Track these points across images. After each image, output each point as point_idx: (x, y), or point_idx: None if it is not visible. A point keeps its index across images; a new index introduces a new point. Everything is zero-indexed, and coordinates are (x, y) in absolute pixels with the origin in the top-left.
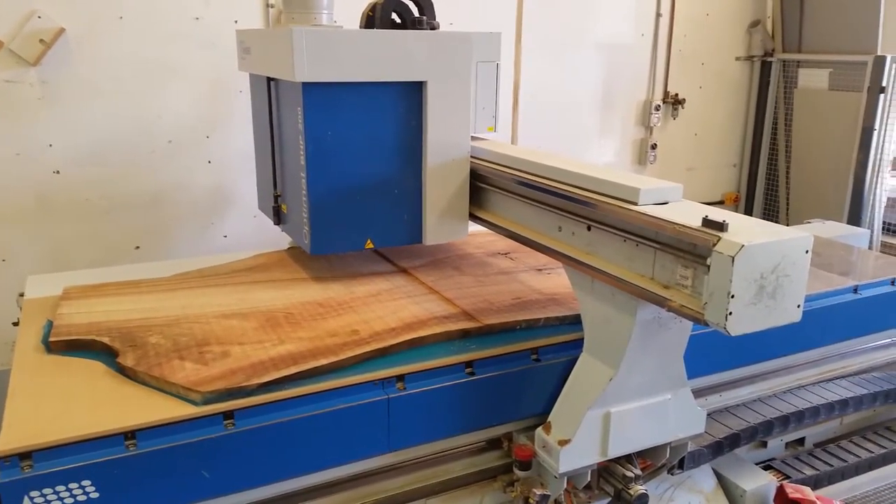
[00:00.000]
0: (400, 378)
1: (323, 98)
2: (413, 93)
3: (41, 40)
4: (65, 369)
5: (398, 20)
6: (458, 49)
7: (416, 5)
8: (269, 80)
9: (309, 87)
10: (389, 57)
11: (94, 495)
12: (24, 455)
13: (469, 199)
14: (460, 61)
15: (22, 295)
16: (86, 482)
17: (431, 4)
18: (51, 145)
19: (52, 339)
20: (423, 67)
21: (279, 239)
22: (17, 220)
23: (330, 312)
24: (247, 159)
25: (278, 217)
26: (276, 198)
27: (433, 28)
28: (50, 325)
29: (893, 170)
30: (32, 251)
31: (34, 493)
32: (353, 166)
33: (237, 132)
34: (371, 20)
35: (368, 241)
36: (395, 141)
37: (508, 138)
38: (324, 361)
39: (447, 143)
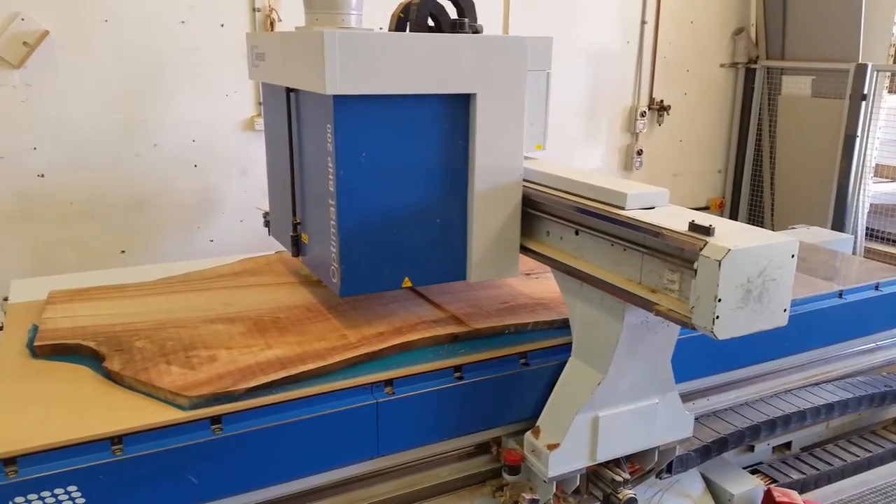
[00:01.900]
0: (388, 382)
1: (357, 114)
2: (460, 107)
3: (25, 43)
4: (50, 374)
5: (431, 23)
6: (512, 56)
7: (455, 6)
8: (289, 91)
9: (341, 101)
10: (434, 65)
11: (81, 501)
12: (9, 460)
13: None
14: (514, 70)
15: (6, 299)
16: (72, 488)
17: (472, 5)
18: (35, 148)
19: (37, 343)
20: (473, 77)
21: (266, 243)
22: (0, 224)
23: (318, 317)
24: (233, 163)
25: (297, 248)
26: (295, 226)
27: (476, 31)
28: (35, 329)
29: (876, 176)
30: (16, 255)
31: (19, 499)
32: (389, 193)
33: (224, 136)
34: (402, 23)
35: (406, 280)
36: (438, 163)
37: None
38: (312, 366)
39: (497, 165)
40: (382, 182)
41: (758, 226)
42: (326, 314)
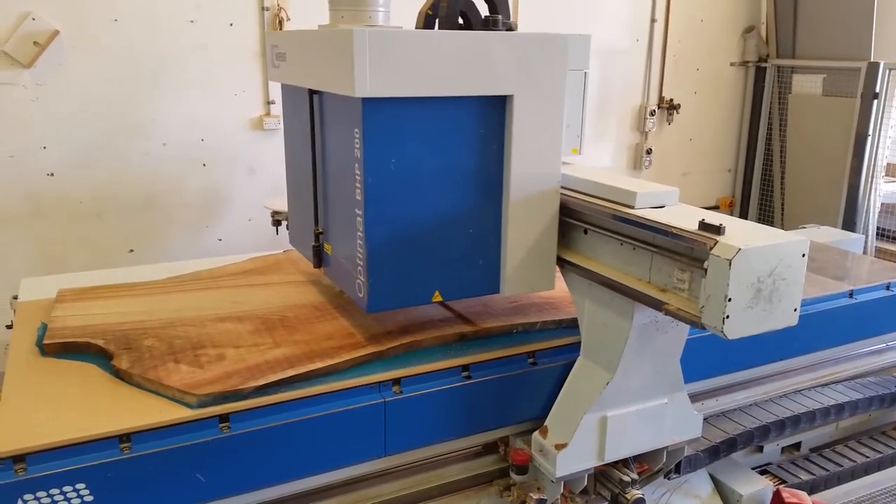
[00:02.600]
0: (396, 382)
1: (387, 117)
2: (495, 110)
3: (35, 42)
4: (59, 372)
5: (460, 21)
6: (551, 55)
7: (487, 2)
8: (312, 93)
9: (371, 104)
10: (469, 65)
11: (89, 498)
12: (18, 458)
13: None
14: (554, 70)
15: (16, 298)
16: (80, 485)
17: (506, 0)
18: (44, 147)
19: (46, 341)
20: (510, 78)
21: (274, 242)
22: (10, 223)
23: (326, 316)
24: (241, 162)
25: (319, 259)
26: (317, 236)
27: (510, 29)
28: (44, 327)
29: (887, 175)
30: (26, 254)
31: (28, 497)
32: (420, 201)
33: (232, 135)
34: (430, 20)
35: (436, 294)
36: (471, 169)
37: None
38: (320, 365)
39: (534, 171)
40: (413, 190)
41: (768, 225)
42: (334, 313)
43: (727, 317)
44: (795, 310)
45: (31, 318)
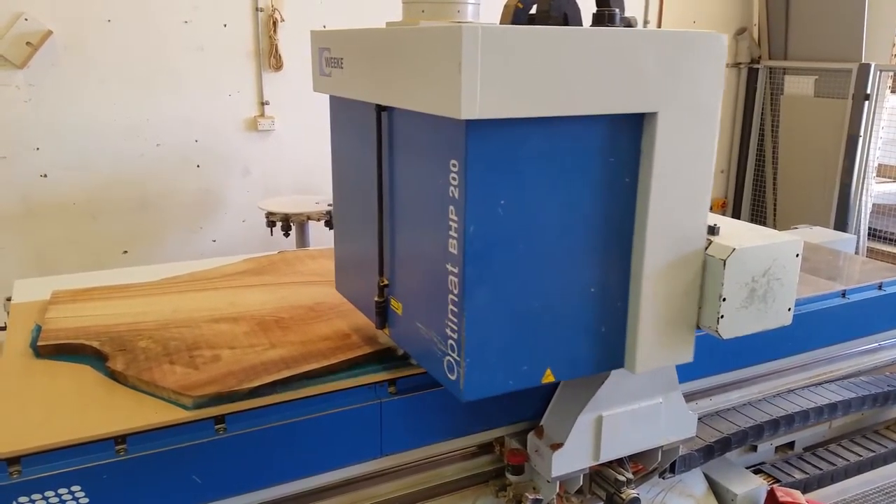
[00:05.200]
0: (392, 382)
1: (499, 146)
2: (631, 132)
3: (28, 43)
4: (54, 374)
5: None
6: (707, 59)
7: None
8: (381, 109)
9: (478, 128)
10: (609, 73)
11: (84, 500)
12: (13, 460)
13: None
14: (709, 79)
15: (9, 299)
16: (75, 487)
17: None
18: (38, 148)
19: (40, 343)
20: (657, 89)
21: (268, 243)
22: (3, 224)
23: (321, 317)
24: (236, 163)
25: (384, 319)
26: (381, 289)
27: (629, 25)
28: (38, 329)
29: (878, 176)
30: (19, 255)
31: (23, 499)
32: (533, 253)
33: (226, 136)
34: (520, 16)
35: (548, 373)
36: (597, 209)
37: None
38: (316, 365)
39: (679, 212)
40: (524, 239)
41: (760, 226)
42: (329, 314)
43: (722, 317)
44: (789, 309)
45: (25, 319)
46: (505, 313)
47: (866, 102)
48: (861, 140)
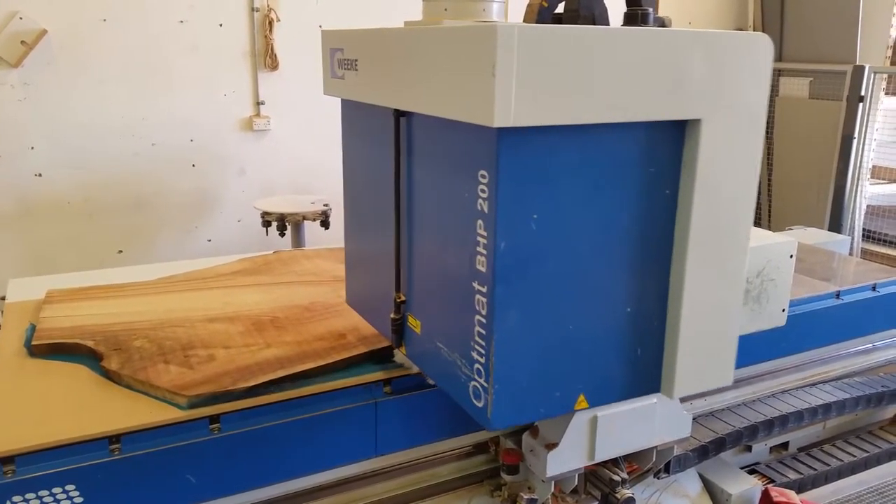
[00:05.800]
0: (387, 382)
1: (532, 156)
2: (673, 141)
3: (23, 42)
4: (48, 373)
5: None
6: (754, 61)
7: None
8: (399, 115)
9: (510, 137)
10: (651, 76)
11: (79, 500)
12: (7, 460)
13: None
14: (755, 82)
15: (3, 298)
16: (70, 487)
17: None
18: (32, 148)
19: (34, 342)
20: (701, 93)
21: (263, 243)
22: None
23: (316, 316)
24: (231, 163)
25: (401, 337)
26: (398, 305)
27: (664, 25)
28: (32, 328)
29: (873, 177)
30: (14, 254)
31: (17, 499)
32: (566, 271)
33: (222, 135)
34: (544, 15)
35: (581, 399)
36: (635, 224)
37: None
38: (311, 365)
39: (721, 226)
40: (557, 256)
41: (755, 227)
42: (325, 314)
43: None
44: (784, 310)
45: (20, 319)
46: (537, 336)
47: (860, 104)
48: (855, 142)
